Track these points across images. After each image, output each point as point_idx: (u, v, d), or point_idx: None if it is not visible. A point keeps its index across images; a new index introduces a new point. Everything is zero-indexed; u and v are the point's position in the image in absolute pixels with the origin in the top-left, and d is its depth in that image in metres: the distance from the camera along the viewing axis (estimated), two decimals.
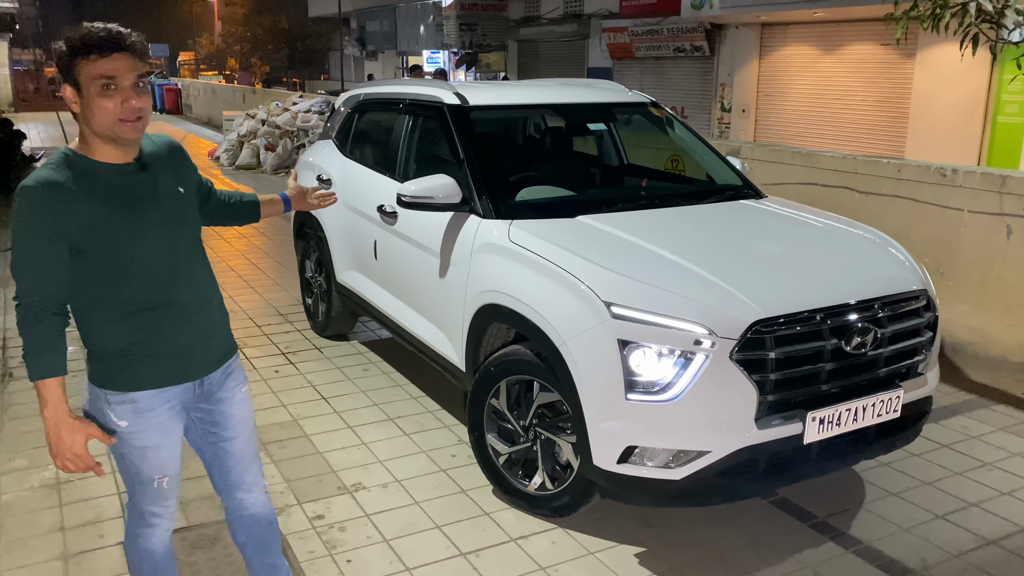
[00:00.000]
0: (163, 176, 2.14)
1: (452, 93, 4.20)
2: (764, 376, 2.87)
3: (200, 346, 2.21)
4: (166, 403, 2.17)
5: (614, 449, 2.94)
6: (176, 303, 2.13)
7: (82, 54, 1.93)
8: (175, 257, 2.13)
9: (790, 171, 6.18)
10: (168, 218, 2.12)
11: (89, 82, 1.93)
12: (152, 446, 2.17)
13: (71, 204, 1.96)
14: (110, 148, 2.02)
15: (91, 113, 1.96)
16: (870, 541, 3.26)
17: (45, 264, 1.97)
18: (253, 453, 2.41)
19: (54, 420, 2.02)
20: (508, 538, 3.26)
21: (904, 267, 3.41)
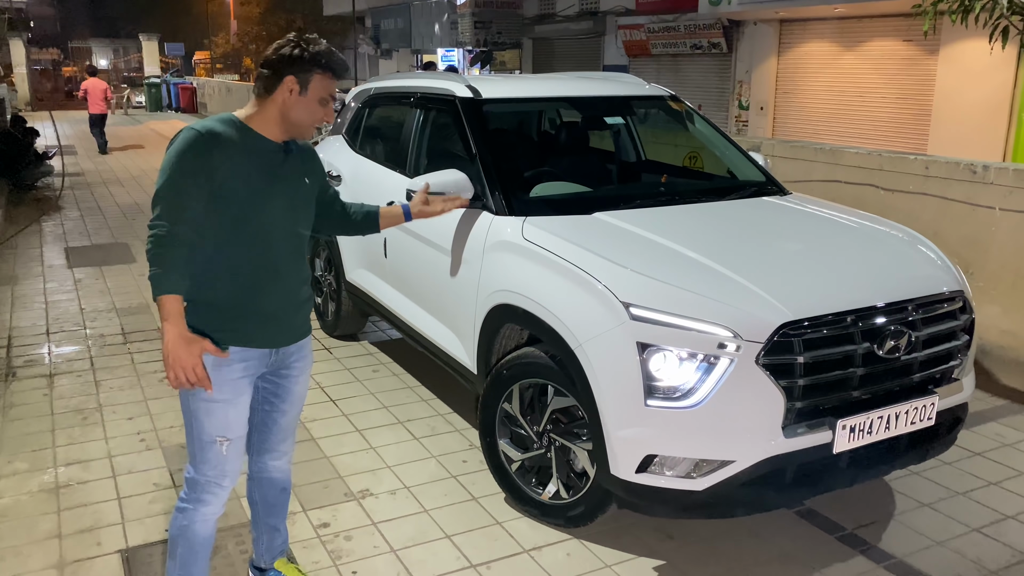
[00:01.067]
0: (298, 164, 2.42)
1: (464, 86, 4.07)
2: (792, 382, 2.71)
3: (287, 316, 2.41)
4: (243, 363, 2.33)
5: (633, 458, 2.80)
6: (277, 272, 2.35)
7: (322, 69, 2.27)
8: (286, 231, 2.36)
9: (813, 168, 6.00)
10: (290, 196, 2.37)
11: (316, 91, 2.28)
12: (222, 401, 2.30)
13: (223, 154, 2.21)
14: (278, 131, 2.33)
15: (300, 111, 2.29)
16: (902, 555, 3.10)
17: (185, 198, 2.17)
18: (293, 428, 2.61)
19: (173, 332, 2.14)
20: (521, 549, 3.12)
21: (938, 267, 3.24)
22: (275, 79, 2.27)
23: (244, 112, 2.33)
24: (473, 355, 3.62)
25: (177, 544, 2.43)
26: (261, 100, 2.30)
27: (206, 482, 2.37)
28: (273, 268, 2.33)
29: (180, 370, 2.14)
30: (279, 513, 2.71)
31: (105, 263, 7.38)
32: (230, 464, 2.38)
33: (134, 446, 3.89)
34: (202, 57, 41.60)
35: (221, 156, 2.20)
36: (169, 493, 3.47)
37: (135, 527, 3.21)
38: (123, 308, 6.04)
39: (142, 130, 21.67)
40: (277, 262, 2.34)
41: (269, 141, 2.32)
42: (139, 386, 4.61)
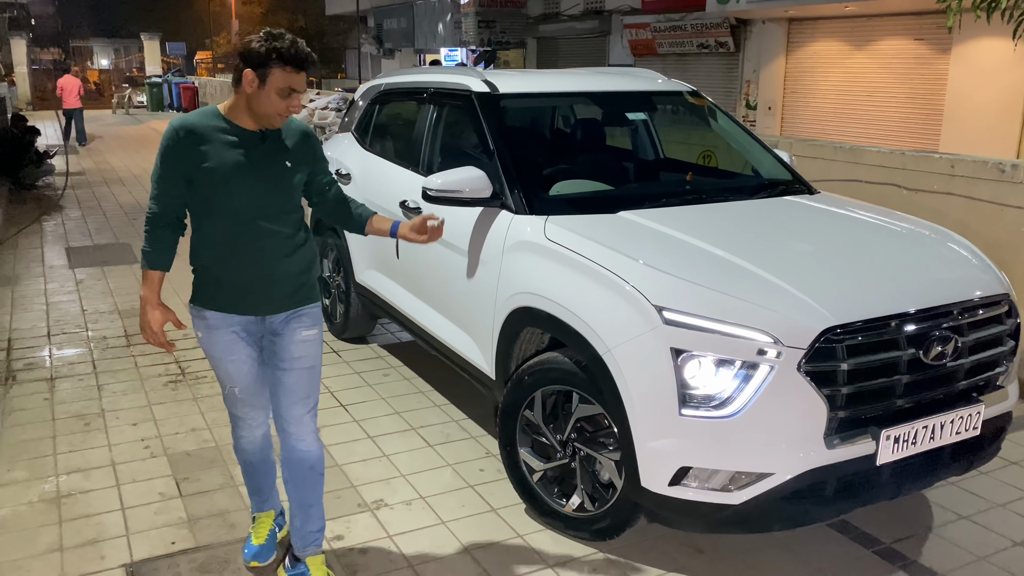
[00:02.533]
0: (276, 148, 2.56)
1: (480, 80, 3.92)
2: (835, 390, 2.56)
3: (262, 289, 2.59)
4: (229, 327, 2.61)
5: (665, 470, 2.65)
6: (248, 249, 2.54)
7: (280, 63, 2.39)
8: (258, 211, 2.53)
9: (832, 167, 5.85)
10: (265, 179, 2.53)
11: (274, 84, 2.40)
12: (218, 358, 2.66)
13: (196, 143, 2.46)
14: (250, 120, 2.50)
15: (261, 103, 2.43)
16: (944, 571, 2.95)
17: (167, 187, 2.50)
18: (305, 393, 2.69)
19: (145, 298, 2.55)
20: (544, 565, 2.97)
21: (982, 269, 3.10)
22: (238, 72, 2.43)
23: (225, 103, 2.53)
24: (491, 360, 3.48)
25: (238, 459, 2.92)
26: (235, 91, 2.49)
27: (233, 413, 2.79)
28: (243, 244, 2.53)
29: (146, 333, 2.58)
30: (309, 492, 2.75)
31: (107, 263, 7.24)
32: (246, 401, 2.74)
33: (138, 453, 3.75)
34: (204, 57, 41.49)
35: (194, 146, 2.46)
36: (175, 503, 3.32)
37: (140, 540, 3.07)
38: (126, 309, 5.90)
39: (143, 130, 21.53)
40: (248, 239, 2.53)
41: (244, 129, 2.51)
42: (143, 390, 4.46)
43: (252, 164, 2.51)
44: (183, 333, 5.33)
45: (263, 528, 2.97)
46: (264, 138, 2.53)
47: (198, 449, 3.80)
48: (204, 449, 3.80)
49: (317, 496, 2.76)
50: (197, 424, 4.07)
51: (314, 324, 2.70)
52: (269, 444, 2.89)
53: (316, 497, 2.76)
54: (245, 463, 2.89)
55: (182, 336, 5.32)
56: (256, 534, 2.96)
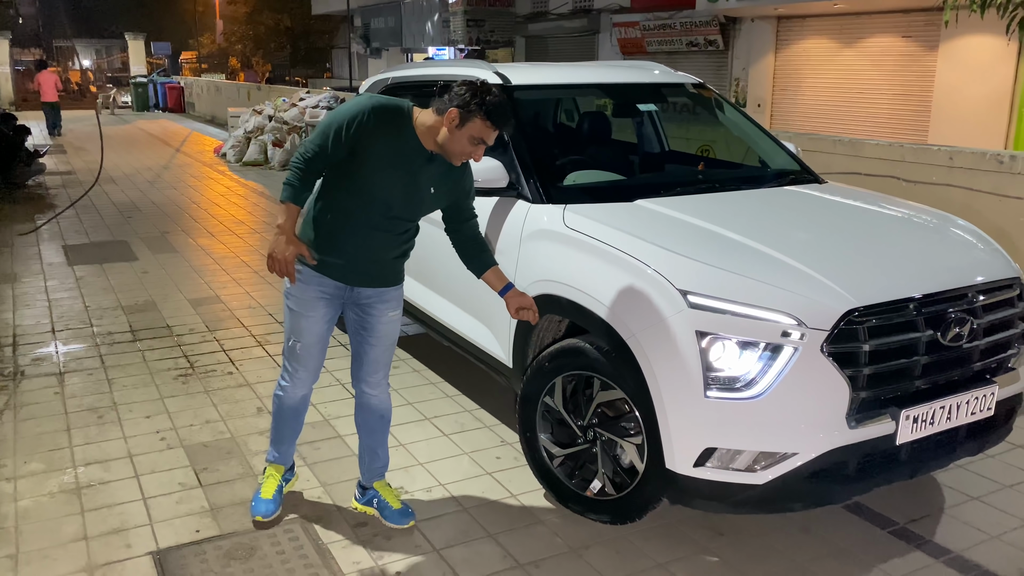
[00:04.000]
0: (434, 173, 2.77)
1: (492, 72, 3.95)
2: (857, 371, 2.62)
3: (361, 265, 2.83)
4: (319, 286, 2.84)
5: (691, 451, 2.70)
6: (365, 233, 2.77)
7: (483, 116, 2.60)
8: (389, 211, 2.75)
9: (832, 160, 5.93)
10: (409, 192, 2.75)
11: (470, 131, 2.63)
12: (298, 311, 2.88)
13: (378, 132, 2.65)
14: (432, 144, 2.70)
15: (451, 140, 2.65)
16: (960, 550, 3.02)
17: (334, 144, 2.65)
18: (386, 361, 3.04)
19: (283, 230, 2.69)
20: (568, 548, 3.01)
21: (995, 254, 3.16)
22: (445, 106, 2.63)
23: (420, 112, 2.72)
24: (508, 349, 3.51)
25: (274, 407, 3.11)
26: (434, 115, 2.68)
27: (286, 366, 3.00)
28: (364, 229, 2.76)
29: (274, 261, 2.69)
30: (377, 438, 3.11)
31: (106, 261, 7.21)
32: (301, 361, 2.95)
33: (154, 445, 3.75)
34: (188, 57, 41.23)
35: (375, 133, 2.63)
36: (197, 493, 3.34)
37: (164, 528, 3.08)
38: (129, 306, 5.89)
39: (130, 130, 21.40)
40: (369, 227, 2.76)
41: (420, 144, 2.70)
42: (154, 384, 4.46)
43: (409, 175, 2.71)
44: (189, 328, 5.39)
45: (272, 482, 3.15)
46: (431, 160, 2.73)
47: (215, 440, 3.81)
48: (221, 440, 3.81)
49: (384, 439, 3.13)
50: (211, 416, 4.07)
51: (399, 305, 2.99)
52: (306, 405, 3.11)
53: (383, 440, 3.13)
54: (279, 409, 3.08)
55: (188, 331, 5.34)
56: (265, 487, 3.14)
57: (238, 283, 6.50)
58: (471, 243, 3.03)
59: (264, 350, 5.01)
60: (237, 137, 14.88)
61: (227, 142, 15.33)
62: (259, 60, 40.48)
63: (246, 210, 9.99)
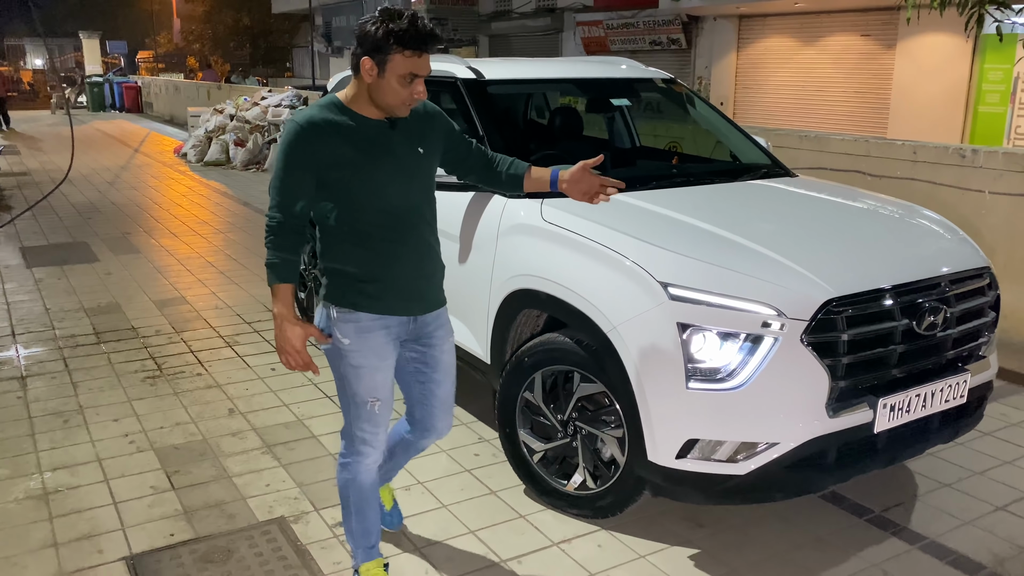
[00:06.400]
0: (406, 135, 2.37)
1: (466, 67, 3.93)
2: (836, 360, 2.64)
3: (419, 286, 2.44)
4: (384, 328, 2.40)
5: (673, 443, 2.70)
6: (404, 243, 2.37)
7: (399, 46, 2.16)
8: (405, 203, 2.36)
9: (799, 155, 6.00)
10: (400, 169, 2.34)
11: (394, 71, 2.19)
12: (368, 366, 2.40)
13: (323, 142, 2.25)
14: (374, 109, 2.30)
15: (383, 92, 2.23)
16: (934, 535, 3.06)
17: (292, 189, 2.26)
18: (452, 401, 2.63)
19: (281, 316, 2.29)
20: (550, 542, 3.00)
21: (964, 244, 3.22)
22: (356, 60, 2.22)
23: (345, 92, 2.32)
24: (486, 345, 3.49)
25: (349, 496, 2.57)
26: (354, 79, 2.29)
27: (363, 437, 2.49)
28: (393, 239, 2.36)
29: (286, 355, 2.30)
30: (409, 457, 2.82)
31: (66, 262, 7.04)
32: (383, 419, 2.50)
33: (123, 448, 3.66)
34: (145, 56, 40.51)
35: (321, 144, 2.25)
36: (169, 496, 3.26)
37: (137, 533, 3.01)
38: (92, 308, 5.75)
39: (86, 130, 20.95)
40: (402, 234, 2.37)
41: (369, 119, 2.31)
42: (120, 387, 4.36)
43: (389, 153, 2.33)
44: (155, 330, 5.28)
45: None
46: (393, 125, 2.33)
47: (186, 442, 3.73)
48: (192, 442, 3.74)
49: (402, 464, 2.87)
50: (181, 418, 3.99)
51: (452, 328, 2.61)
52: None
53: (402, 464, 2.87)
54: (359, 493, 2.54)
55: (154, 333, 5.23)
56: None
57: (203, 283, 6.39)
58: (493, 164, 2.68)
59: (233, 351, 4.93)
60: (198, 137, 14.64)
61: (188, 142, 15.08)
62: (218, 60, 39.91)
63: (209, 210, 9.83)
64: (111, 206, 9.92)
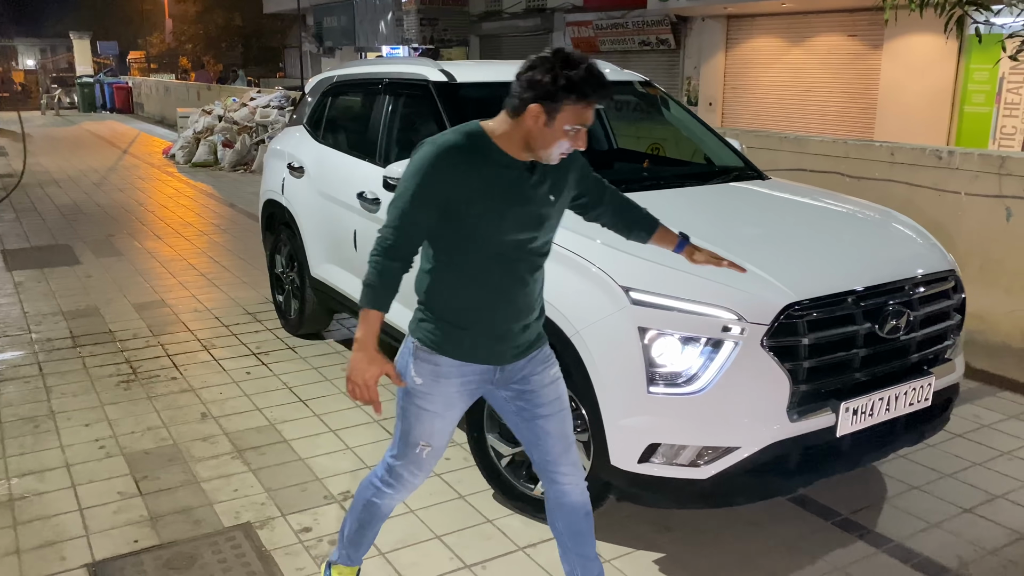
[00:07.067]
0: (543, 181, 2.19)
1: (438, 70, 3.93)
2: (797, 364, 2.65)
3: (513, 338, 2.26)
4: (462, 377, 2.25)
5: (635, 448, 2.70)
6: (507, 292, 2.20)
7: (575, 98, 2.00)
8: (524, 250, 2.19)
9: (778, 157, 6.01)
10: (530, 218, 2.17)
11: (564, 121, 2.03)
12: (432, 411, 2.27)
13: (460, 174, 2.08)
14: (523, 152, 2.12)
15: (545, 140, 2.06)
16: (900, 538, 3.07)
17: (416, 215, 2.09)
18: (571, 436, 2.42)
19: (361, 345, 2.12)
20: (516, 547, 2.99)
21: (930, 247, 3.23)
22: (522, 105, 2.04)
23: (492, 125, 2.14)
24: None
25: (360, 507, 2.49)
26: (509, 119, 2.10)
27: (402, 474, 2.39)
28: (503, 288, 2.20)
29: (355, 387, 2.15)
30: (588, 541, 2.46)
31: (47, 265, 7.01)
32: (427, 465, 2.39)
33: (93, 454, 3.65)
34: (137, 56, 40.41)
35: (457, 175, 2.08)
36: (136, 502, 3.25)
37: (101, 539, 2.99)
38: (70, 311, 5.73)
39: (76, 131, 20.90)
40: (508, 282, 2.20)
41: (513, 160, 2.13)
42: (94, 391, 4.34)
43: (523, 201, 2.15)
44: (133, 333, 5.27)
45: None
46: (532, 170, 2.16)
47: (156, 447, 3.72)
48: (163, 447, 3.72)
49: (593, 542, 2.48)
50: (153, 423, 3.98)
51: (554, 361, 2.40)
52: None
53: (593, 543, 2.48)
54: (371, 516, 2.49)
55: (131, 336, 5.21)
56: None
57: (184, 286, 6.37)
58: (623, 212, 2.52)
59: (209, 354, 4.91)
60: (186, 138, 14.61)
61: (176, 143, 15.05)
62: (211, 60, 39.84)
63: (195, 212, 9.80)
64: (96, 208, 9.89)
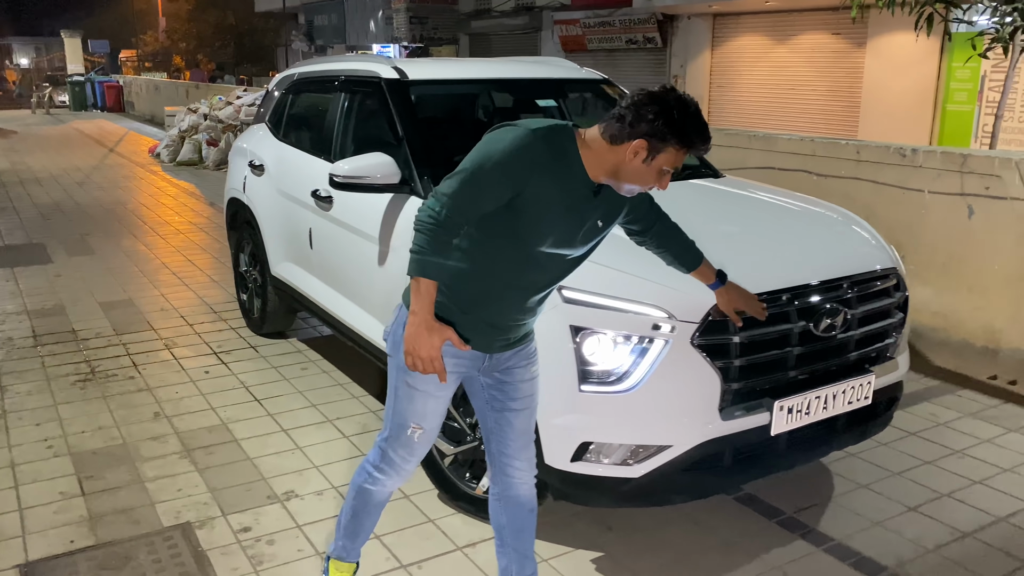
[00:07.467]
0: (600, 206, 2.16)
1: (391, 67, 3.91)
2: (728, 362, 2.63)
3: (510, 330, 2.24)
4: (456, 358, 2.21)
5: (567, 446, 2.69)
6: (522, 298, 2.18)
7: (680, 144, 1.98)
8: (551, 268, 2.17)
9: (748, 155, 6.00)
10: (576, 238, 2.14)
11: (662, 163, 2.00)
12: (424, 391, 2.24)
13: (541, 168, 2.00)
14: (603, 175, 2.08)
15: (636, 175, 2.03)
16: (841, 537, 3.05)
17: (485, 195, 1.99)
18: (531, 433, 2.42)
19: (421, 316, 2.03)
20: (454, 547, 2.98)
21: (872, 245, 3.21)
22: (626, 136, 1.99)
23: (585, 138, 2.08)
24: None
25: (354, 497, 2.48)
26: (605, 142, 2.04)
27: (394, 459, 2.37)
28: (521, 289, 2.17)
29: (417, 358, 2.05)
30: (528, 537, 2.49)
31: (17, 264, 6.99)
32: (418, 450, 2.36)
33: (40, 453, 3.63)
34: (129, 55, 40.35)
35: (539, 168, 2.00)
36: (77, 502, 3.23)
37: (37, 540, 2.98)
38: (35, 310, 5.71)
39: (65, 130, 20.86)
40: (528, 286, 2.17)
41: (588, 178, 2.08)
42: (49, 391, 4.32)
43: (579, 219, 2.11)
44: (96, 332, 5.24)
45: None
46: (598, 193, 2.12)
47: (105, 447, 3.70)
48: (111, 447, 3.71)
49: (532, 541, 2.51)
50: (105, 422, 3.96)
51: (537, 359, 2.39)
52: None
53: (532, 542, 2.51)
54: (365, 503, 2.48)
55: (94, 335, 5.20)
56: None
57: (154, 285, 6.35)
58: (670, 242, 2.51)
59: (171, 353, 4.89)
60: (172, 136, 14.58)
61: (162, 141, 15.02)
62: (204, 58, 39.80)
63: (174, 210, 9.78)
64: (75, 206, 9.86)
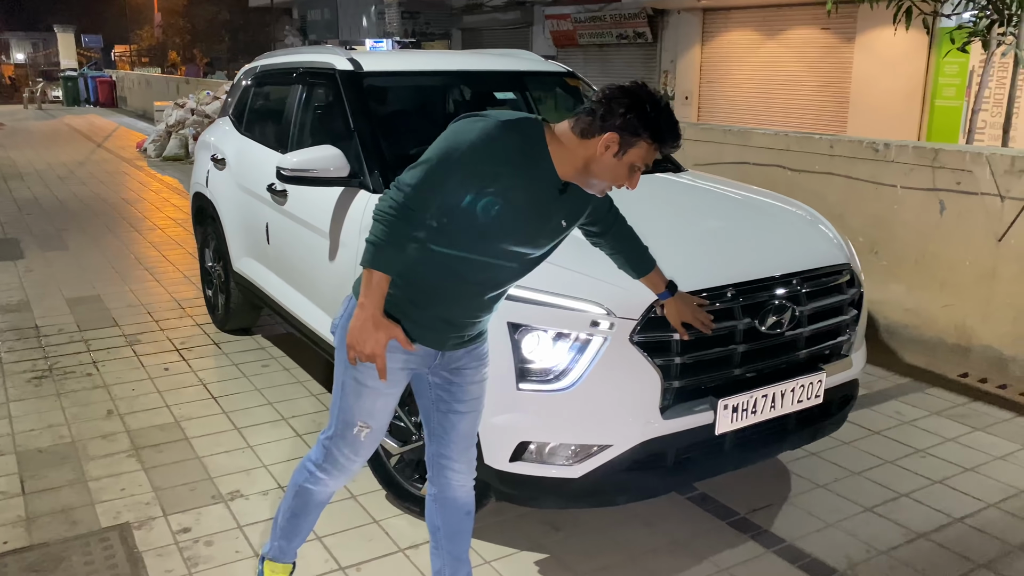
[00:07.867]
0: (565, 205, 2.11)
1: (346, 59, 3.84)
2: (669, 360, 2.57)
3: (465, 328, 2.18)
4: (406, 355, 2.14)
5: (506, 446, 2.62)
6: (478, 295, 2.12)
7: (652, 139, 1.95)
8: (511, 267, 2.11)
9: (724, 150, 5.93)
10: (539, 236, 2.10)
11: (632, 158, 1.97)
12: (373, 388, 2.16)
13: (504, 163, 1.95)
14: (572, 172, 2.03)
15: (605, 170, 1.99)
16: (792, 539, 2.99)
17: (447, 186, 1.94)
18: (475, 436, 2.37)
19: (369, 310, 1.97)
20: (396, 548, 2.92)
21: (825, 240, 3.14)
22: (594, 129, 1.95)
23: (554, 133, 2.03)
24: None
25: (293, 496, 2.40)
26: (575, 137, 1.99)
27: (338, 458, 2.28)
28: (478, 285, 2.10)
29: (360, 354, 2.00)
30: (462, 541, 2.43)
31: None
32: (364, 449, 2.28)
33: None
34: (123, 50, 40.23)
35: (500, 163, 1.95)
36: (16, 502, 3.17)
37: None
38: (0, 306, 5.64)
39: (56, 124, 20.79)
40: (485, 282, 2.11)
41: (555, 175, 2.03)
42: (2, 387, 4.26)
43: (544, 216, 2.06)
44: (59, 329, 5.18)
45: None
46: (564, 191, 2.07)
47: (52, 446, 3.64)
48: (58, 446, 3.64)
49: (467, 545, 2.46)
50: (55, 420, 3.89)
51: (488, 361, 2.33)
52: None
53: (467, 546, 2.46)
54: (305, 503, 2.40)
55: (57, 332, 5.13)
56: None
57: (124, 281, 6.27)
58: (624, 246, 2.46)
59: (132, 350, 4.82)
60: (159, 131, 14.51)
61: (149, 136, 14.95)
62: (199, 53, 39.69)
63: (155, 205, 9.71)
64: (55, 202, 9.79)
